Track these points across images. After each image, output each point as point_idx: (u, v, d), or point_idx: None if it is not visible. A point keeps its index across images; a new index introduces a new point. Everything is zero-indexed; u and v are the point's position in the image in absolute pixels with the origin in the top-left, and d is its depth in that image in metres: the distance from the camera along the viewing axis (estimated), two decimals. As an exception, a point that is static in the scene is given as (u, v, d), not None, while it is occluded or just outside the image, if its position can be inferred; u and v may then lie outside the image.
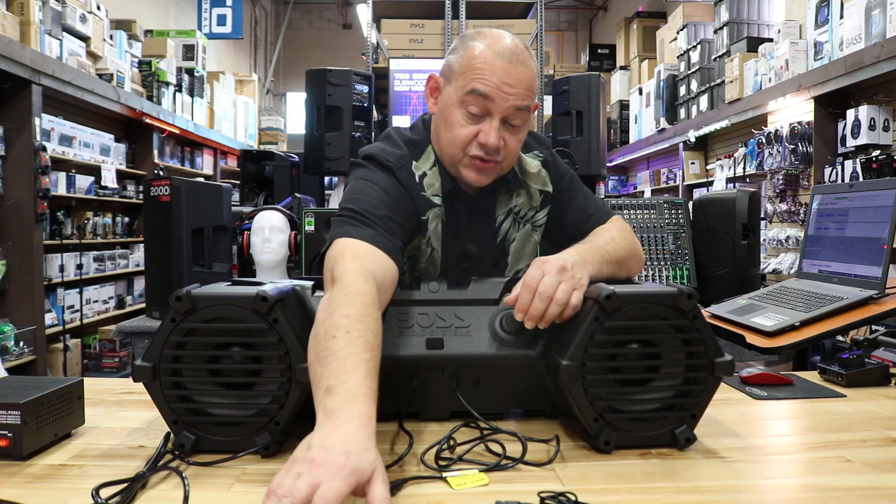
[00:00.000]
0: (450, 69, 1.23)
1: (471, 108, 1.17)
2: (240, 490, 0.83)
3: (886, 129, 3.88)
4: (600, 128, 3.20)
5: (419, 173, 1.25)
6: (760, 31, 5.65)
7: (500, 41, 1.18)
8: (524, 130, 1.23)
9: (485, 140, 1.17)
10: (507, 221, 1.33)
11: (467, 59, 1.19)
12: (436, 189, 1.25)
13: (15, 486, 0.83)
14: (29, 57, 4.14)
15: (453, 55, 1.23)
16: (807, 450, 0.99)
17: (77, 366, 5.00)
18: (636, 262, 1.23)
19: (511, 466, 0.88)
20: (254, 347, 0.94)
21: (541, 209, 1.35)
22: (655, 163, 8.32)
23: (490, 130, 1.17)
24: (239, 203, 3.64)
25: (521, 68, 1.17)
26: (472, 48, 1.19)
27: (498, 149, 1.18)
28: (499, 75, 1.15)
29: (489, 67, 1.16)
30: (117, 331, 2.44)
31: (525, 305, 0.99)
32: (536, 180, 1.34)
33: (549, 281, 0.99)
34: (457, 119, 1.19)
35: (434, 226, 1.26)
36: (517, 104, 1.17)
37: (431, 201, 1.24)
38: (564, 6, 12.25)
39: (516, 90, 1.16)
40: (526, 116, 1.21)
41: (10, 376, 1.06)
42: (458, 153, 1.21)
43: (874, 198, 1.66)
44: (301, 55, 12.18)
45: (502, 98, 1.16)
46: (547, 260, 1.03)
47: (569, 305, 0.98)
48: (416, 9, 4.90)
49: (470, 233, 1.30)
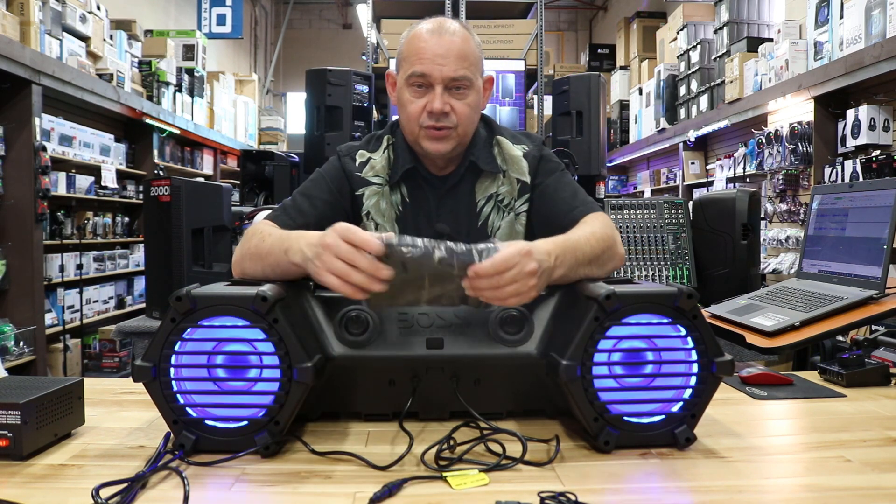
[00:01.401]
0: (398, 60, 1.38)
1: (415, 85, 1.32)
2: (240, 490, 0.83)
3: (886, 129, 3.88)
4: (600, 128, 3.20)
5: (362, 159, 1.41)
6: (760, 31, 5.65)
7: (432, 21, 1.34)
8: (472, 97, 1.34)
9: (430, 107, 1.30)
10: (488, 206, 1.41)
11: (406, 45, 1.35)
12: (378, 170, 1.40)
13: (15, 486, 0.83)
14: (29, 57, 4.14)
15: (399, 47, 1.38)
16: (807, 450, 0.99)
17: (77, 366, 5.01)
18: (613, 260, 1.22)
19: (511, 466, 0.89)
20: (254, 347, 0.94)
21: (518, 197, 1.42)
22: (655, 163, 8.32)
23: (434, 98, 1.30)
24: (239, 203, 3.64)
25: (449, 38, 1.30)
26: (411, 34, 1.35)
27: (446, 113, 1.31)
28: (432, 49, 1.29)
29: (424, 45, 1.30)
30: (117, 331, 2.44)
31: (478, 286, 0.96)
32: (515, 168, 1.42)
33: (513, 275, 0.97)
34: (407, 98, 1.33)
35: (373, 202, 1.39)
36: (452, 73, 1.29)
37: (367, 180, 1.40)
38: (564, 6, 12.25)
39: (447, 59, 1.29)
40: (467, 83, 1.32)
41: (10, 376, 1.06)
42: (414, 127, 1.34)
43: (874, 198, 1.66)
44: (301, 55, 12.18)
45: (438, 68, 1.29)
46: (530, 253, 1.00)
47: (503, 302, 0.99)
48: (416, 9, 4.89)
49: (442, 213, 1.40)
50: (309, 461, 0.92)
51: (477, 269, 0.94)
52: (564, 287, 1.09)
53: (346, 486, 0.84)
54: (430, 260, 0.94)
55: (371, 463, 0.89)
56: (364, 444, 0.98)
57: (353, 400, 1.08)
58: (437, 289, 0.98)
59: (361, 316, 1.04)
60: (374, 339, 1.04)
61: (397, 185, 1.41)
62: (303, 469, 0.89)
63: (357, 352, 1.03)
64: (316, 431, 1.03)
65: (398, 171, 1.39)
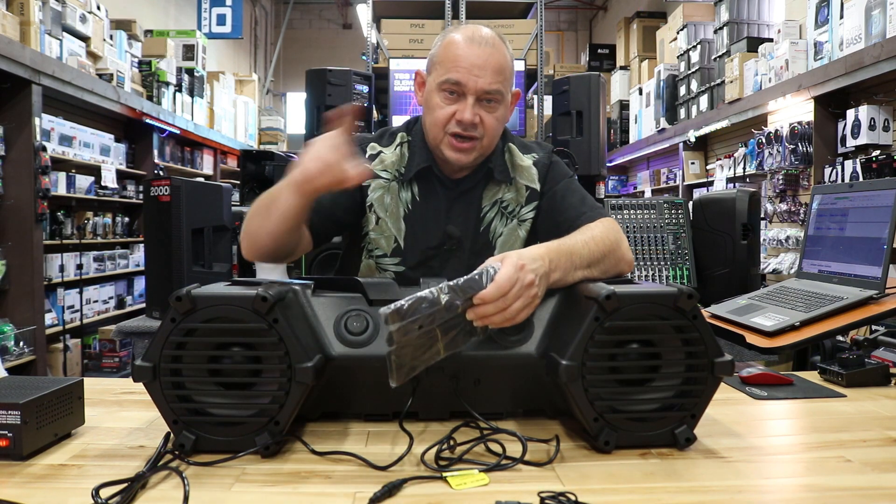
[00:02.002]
0: (430, 62, 1.38)
1: (448, 91, 1.31)
2: (240, 490, 0.83)
3: (886, 129, 3.88)
4: (600, 128, 3.20)
5: (373, 152, 1.41)
6: (760, 31, 5.65)
7: (473, 30, 1.33)
8: (501, 111, 1.34)
9: (461, 117, 1.30)
10: (492, 212, 1.42)
11: (443, 49, 1.34)
12: (387, 165, 1.40)
13: (15, 486, 0.83)
14: (29, 57, 4.14)
15: (433, 49, 1.38)
16: (807, 450, 0.99)
17: (77, 366, 5.00)
18: (616, 263, 1.21)
19: (511, 466, 0.89)
20: (254, 347, 0.94)
21: (526, 205, 1.42)
22: (655, 163, 8.32)
23: (465, 108, 1.30)
24: (239, 203, 3.64)
25: (489, 50, 1.30)
26: (448, 39, 1.34)
27: (474, 124, 1.31)
28: (470, 59, 1.29)
29: (462, 53, 1.30)
30: (117, 331, 2.44)
31: (486, 312, 0.96)
32: (524, 176, 1.42)
33: (516, 292, 0.97)
34: (437, 102, 1.33)
35: (377, 195, 1.39)
36: (487, 86, 1.29)
37: (375, 173, 1.40)
38: (564, 6, 12.25)
39: (485, 71, 1.29)
40: (499, 97, 1.32)
41: (10, 376, 1.06)
42: (439, 133, 1.34)
43: (874, 198, 1.66)
44: (301, 55, 12.18)
45: (473, 79, 1.29)
46: (523, 266, 1.00)
47: (513, 321, 0.98)
48: (416, 9, 4.89)
49: (453, 215, 1.41)
50: (309, 461, 0.92)
51: (483, 297, 0.95)
52: (564, 288, 1.09)
53: (346, 486, 0.84)
54: (439, 306, 0.93)
55: (371, 463, 0.89)
56: (364, 444, 0.98)
57: (353, 400, 1.08)
58: (448, 336, 0.96)
59: (361, 316, 1.04)
60: (374, 339, 1.04)
61: (409, 183, 1.41)
62: (303, 469, 0.89)
63: (357, 352, 1.03)
64: (316, 431, 1.03)
65: (412, 169, 1.39)
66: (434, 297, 0.92)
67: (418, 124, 1.43)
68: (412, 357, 0.94)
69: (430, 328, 0.93)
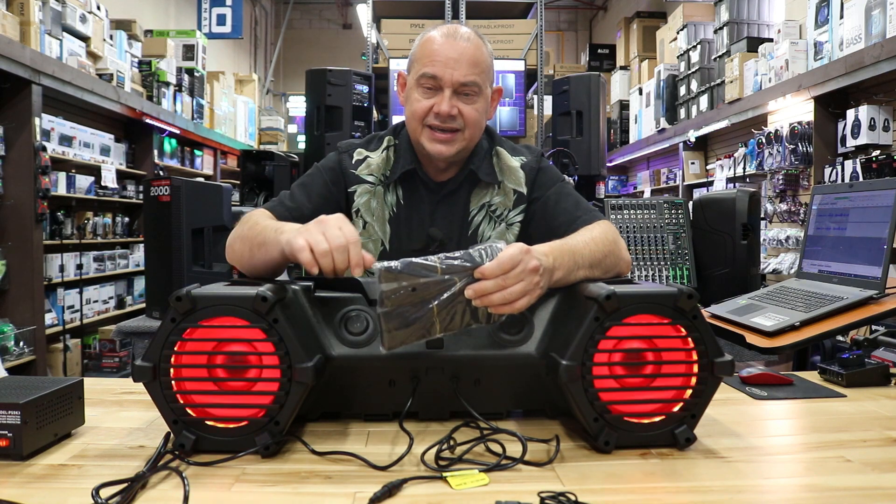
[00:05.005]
0: (409, 61, 1.41)
1: (425, 86, 1.33)
2: (240, 490, 0.83)
3: (886, 129, 3.88)
4: (600, 128, 3.21)
5: (360, 157, 1.43)
6: (760, 31, 5.65)
7: (449, 27, 1.36)
8: (480, 103, 1.35)
9: (438, 109, 1.32)
10: (480, 215, 1.42)
11: (420, 47, 1.37)
12: (373, 169, 1.42)
13: (15, 486, 0.83)
14: (29, 57, 4.13)
15: (412, 48, 1.41)
16: (807, 450, 0.99)
17: (77, 366, 5.00)
18: (615, 264, 1.21)
19: (511, 466, 0.89)
20: (254, 347, 0.94)
21: (514, 208, 1.42)
22: (655, 163, 8.32)
23: (442, 101, 1.32)
24: (239, 203, 3.64)
25: (464, 44, 1.32)
26: (426, 37, 1.37)
27: (452, 116, 1.32)
28: (445, 53, 1.31)
29: (438, 48, 1.32)
30: (117, 331, 2.44)
31: (485, 288, 0.95)
32: (512, 179, 1.42)
33: (518, 273, 0.96)
34: (415, 97, 1.35)
35: (364, 200, 1.41)
36: (462, 78, 1.31)
37: (360, 178, 1.41)
38: (564, 6, 12.25)
39: (461, 64, 1.31)
40: (476, 89, 1.33)
41: (10, 376, 1.06)
42: (417, 126, 1.36)
43: (874, 198, 1.66)
44: (301, 55, 12.18)
45: (449, 72, 1.31)
46: (530, 251, 1.00)
47: (512, 306, 0.96)
48: (416, 9, 4.90)
49: (437, 218, 1.41)
50: (309, 461, 0.92)
51: (483, 270, 0.94)
52: (564, 288, 1.09)
53: (346, 486, 0.84)
54: (435, 274, 0.92)
55: (371, 463, 0.89)
56: (364, 444, 0.98)
57: (353, 400, 1.08)
58: (446, 314, 0.95)
59: (361, 316, 1.04)
60: (373, 340, 1.04)
61: (394, 186, 1.42)
62: (303, 469, 0.89)
63: (357, 352, 1.03)
64: (316, 431, 1.03)
65: (397, 172, 1.41)
66: (431, 263, 0.92)
67: (405, 128, 1.44)
68: (403, 324, 0.94)
69: (425, 296, 0.92)
